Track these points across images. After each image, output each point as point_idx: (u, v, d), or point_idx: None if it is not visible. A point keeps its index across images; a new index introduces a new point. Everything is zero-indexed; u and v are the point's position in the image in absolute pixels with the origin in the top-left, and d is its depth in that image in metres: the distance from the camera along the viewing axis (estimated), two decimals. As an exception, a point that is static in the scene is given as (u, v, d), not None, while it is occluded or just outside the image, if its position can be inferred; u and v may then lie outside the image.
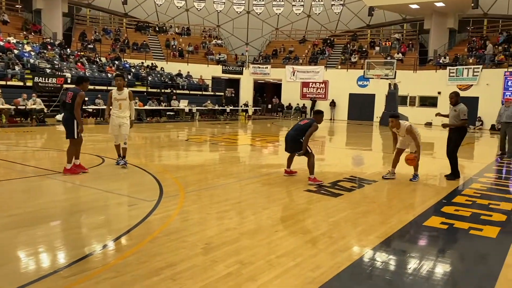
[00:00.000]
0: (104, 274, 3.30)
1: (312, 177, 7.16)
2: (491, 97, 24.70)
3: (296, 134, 7.35)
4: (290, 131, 7.54)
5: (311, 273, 3.48)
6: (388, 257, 4.03)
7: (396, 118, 7.89)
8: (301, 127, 7.38)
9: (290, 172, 7.89)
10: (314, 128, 7.26)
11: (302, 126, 7.38)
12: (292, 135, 7.41)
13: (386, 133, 20.43)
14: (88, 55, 26.38)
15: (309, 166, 7.23)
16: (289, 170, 7.89)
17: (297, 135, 7.31)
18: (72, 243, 4.10)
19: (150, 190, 6.20)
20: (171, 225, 4.64)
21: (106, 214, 5.09)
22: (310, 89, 31.53)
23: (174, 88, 26.10)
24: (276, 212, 5.42)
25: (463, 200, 6.40)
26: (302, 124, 7.44)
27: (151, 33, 34.17)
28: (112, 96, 8.06)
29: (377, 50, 31.94)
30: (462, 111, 7.91)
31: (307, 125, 7.33)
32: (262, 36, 36.98)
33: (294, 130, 7.44)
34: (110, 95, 8.16)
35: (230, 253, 3.85)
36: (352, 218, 5.22)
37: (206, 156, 11.02)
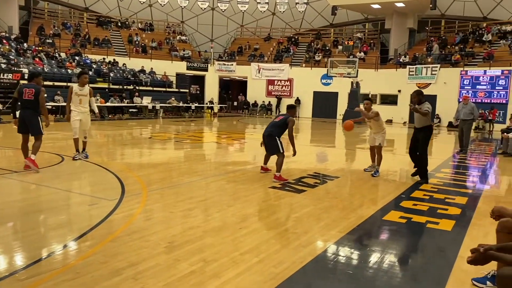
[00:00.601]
0: (63, 276, 3.21)
1: (278, 175, 7.23)
2: (448, 95, 25.69)
3: (271, 131, 7.49)
4: (267, 128, 7.66)
5: (274, 269, 3.52)
6: (349, 251, 4.12)
7: (371, 102, 8.83)
8: (277, 123, 7.56)
9: (266, 169, 7.97)
10: (292, 123, 7.48)
11: (278, 122, 7.57)
12: (269, 131, 7.54)
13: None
14: (46, 50, 25.44)
15: (277, 164, 7.31)
16: (265, 167, 7.99)
17: (273, 132, 7.46)
18: (30, 245, 3.96)
19: (111, 189, 6.07)
20: (133, 224, 4.57)
21: (66, 214, 4.95)
22: (276, 87, 31.72)
23: (137, 85, 25.60)
24: (241, 209, 5.43)
25: (421, 195, 6.63)
26: (278, 121, 7.61)
27: (113, 29, 33.32)
28: (73, 91, 8.24)
29: (340, 49, 32.50)
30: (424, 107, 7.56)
31: (282, 121, 7.53)
32: (227, 33, 36.83)
33: (271, 127, 7.58)
34: (71, 90, 8.31)
35: (194, 251, 3.83)
36: (315, 213, 5.31)
37: (170, 154, 10.89)
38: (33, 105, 7.19)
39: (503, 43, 26.94)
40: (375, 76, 28.62)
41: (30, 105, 7.20)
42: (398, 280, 3.56)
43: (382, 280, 3.48)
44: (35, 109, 7.24)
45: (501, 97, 24.48)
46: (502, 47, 26.76)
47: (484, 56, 26.02)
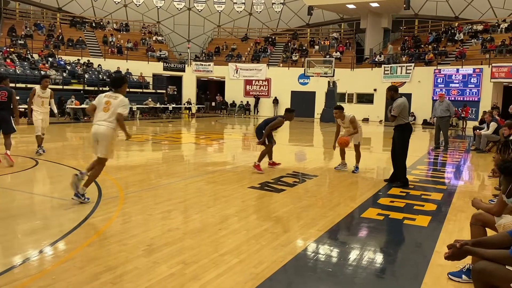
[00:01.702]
0: (38, 282, 3.13)
1: (257, 163, 7.88)
2: (423, 93, 26.23)
3: (261, 126, 8.18)
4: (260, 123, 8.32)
5: (254, 269, 3.52)
6: (328, 249, 4.16)
7: (340, 109, 8.38)
8: (269, 121, 8.20)
9: (273, 164, 8.53)
10: (277, 121, 8.06)
11: (269, 120, 8.24)
12: (259, 126, 8.25)
13: (326, 129, 21.05)
14: (18, 52, 24.82)
15: (261, 154, 8.02)
16: (272, 162, 8.54)
17: (262, 127, 8.13)
18: (3, 251, 3.85)
19: (88, 193, 5.95)
20: (111, 227, 4.50)
21: (41, 219, 4.83)
22: (254, 87, 31.76)
23: (113, 86, 25.20)
24: (220, 210, 5.41)
25: (397, 191, 6.74)
26: (270, 119, 8.31)
27: (87, 29, 32.74)
28: (36, 93, 9.06)
29: (317, 48, 32.77)
30: (393, 106, 7.00)
31: (272, 119, 8.22)
32: (204, 33, 36.66)
33: (263, 122, 8.26)
34: (34, 92, 9.08)
35: (173, 254, 3.79)
36: (295, 212, 5.33)
37: (148, 155, 10.77)
38: (7, 106, 7.86)
39: (474, 42, 27.66)
40: (351, 75, 28.98)
41: (4, 106, 7.81)
42: (377, 276, 3.61)
43: (361, 277, 3.52)
44: (9, 110, 7.92)
45: (473, 94, 25.11)
46: (473, 45, 27.48)
47: (456, 54, 26.66)
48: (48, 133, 12.76)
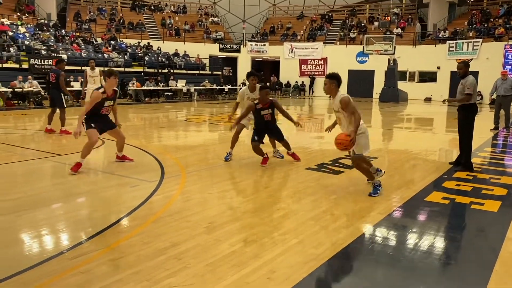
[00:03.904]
0: (108, 255, 3.31)
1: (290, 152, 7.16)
2: (491, 71, 24.49)
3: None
4: None
5: (314, 250, 3.50)
6: (390, 233, 4.05)
7: (333, 80, 5.24)
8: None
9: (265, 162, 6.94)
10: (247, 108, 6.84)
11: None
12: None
13: (385, 110, 20.38)
14: (83, 36, 26.02)
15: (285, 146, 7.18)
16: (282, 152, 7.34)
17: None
18: (75, 225, 4.11)
19: (151, 171, 6.20)
20: (174, 205, 4.65)
21: (108, 196, 5.09)
22: (309, 66, 31.28)
23: (172, 68, 25.85)
24: (277, 190, 5.42)
25: (463, 175, 6.40)
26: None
27: (146, 12, 33.63)
28: (88, 74, 11.26)
29: (376, 25, 31.54)
30: (467, 84, 6.49)
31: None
32: (259, 12, 36.39)
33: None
34: (86, 73, 11.32)
35: (233, 232, 3.86)
36: (354, 195, 5.23)
37: (205, 136, 10.99)
38: (56, 85, 9.47)
39: (552, 14, 25.38)
40: (413, 52, 27.70)
41: (54, 85, 9.56)
42: (443, 262, 3.47)
43: (426, 262, 3.40)
44: (58, 89, 9.49)
45: (549, 71, 23.14)
46: (550, 18, 25.23)
47: (530, 28, 24.63)
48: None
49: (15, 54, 19.57)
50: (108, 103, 6.25)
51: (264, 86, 7.03)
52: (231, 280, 2.96)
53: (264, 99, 6.74)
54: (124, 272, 3.02)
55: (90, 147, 6.05)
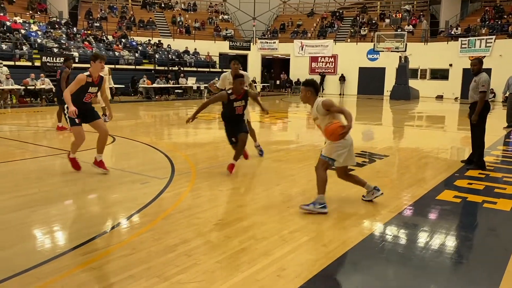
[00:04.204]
0: (119, 251, 3.34)
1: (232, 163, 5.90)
2: (504, 68, 24.17)
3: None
4: None
5: (324, 247, 3.49)
6: (401, 231, 4.02)
7: (309, 87, 4.69)
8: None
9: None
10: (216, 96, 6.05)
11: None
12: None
13: (396, 107, 20.24)
14: (94, 34, 26.22)
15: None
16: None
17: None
18: (87, 222, 4.15)
19: (161, 168, 6.23)
20: (184, 202, 4.67)
21: (119, 192, 5.13)
22: (319, 64, 31.16)
23: (182, 66, 25.94)
24: (287, 188, 5.41)
25: (476, 173, 6.33)
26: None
27: (157, 10, 33.77)
28: None
29: (387, 22, 31.31)
30: (481, 82, 6.38)
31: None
32: (270, 10, 36.31)
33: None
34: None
35: (243, 229, 3.87)
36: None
37: (215, 133, 11.00)
38: (59, 82, 9.52)
39: None
40: (425, 49, 27.46)
41: (58, 82, 9.63)
42: (454, 261, 3.44)
43: (437, 261, 3.37)
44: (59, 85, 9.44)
45: None
46: None
47: (545, 25, 24.24)
48: (121, 111, 13.57)
49: (28, 52, 19.78)
50: (92, 89, 5.72)
51: (238, 75, 6.03)
52: (241, 277, 2.97)
53: (237, 89, 5.92)
54: (135, 268, 3.04)
55: (78, 146, 5.86)
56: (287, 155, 7.57)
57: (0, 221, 3.98)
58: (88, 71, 5.72)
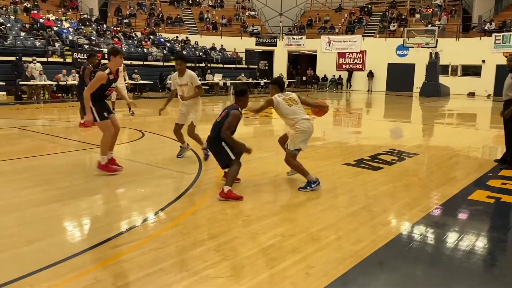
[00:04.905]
0: (149, 245, 3.40)
1: (227, 189, 4.59)
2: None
3: (214, 137, 4.98)
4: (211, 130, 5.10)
5: (352, 246, 3.46)
6: (431, 231, 3.94)
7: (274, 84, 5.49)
8: (219, 124, 4.94)
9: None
10: (233, 118, 4.85)
11: (219, 123, 4.94)
12: (211, 138, 5.05)
13: (426, 105, 19.80)
14: (124, 30, 26.66)
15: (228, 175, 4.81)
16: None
17: (216, 137, 4.94)
18: (117, 215, 4.25)
19: (189, 164, 6.30)
20: (211, 198, 4.71)
21: (149, 187, 5.22)
22: (347, 60, 30.77)
23: (209, 62, 26.09)
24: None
25: (510, 173, 6.13)
26: (219, 121, 4.97)
27: (184, 7, 34.05)
28: None
29: (418, 17, 30.61)
30: None
31: (224, 120, 4.90)
32: (297, 5, 36.04)
33: (212, 131, 5.03)
34: None
35: (271, 226, 3.87)
36: (394, 191, 5.12)
37: (241, 130, 10.91)
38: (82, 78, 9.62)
39: None
40: (456, 45, 26.71)
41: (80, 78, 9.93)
42: (488, 263, 3.35)
43: (470, 262, 3.29)
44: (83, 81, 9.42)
45: None
46: None
47: None
48: (150, 107, 13.79)
49: (60, 48, 20.29)
50: (113, 84, 5.63)
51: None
52: (268, 273, 2.97)
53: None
54: (165, 262, 3.09)
55: (108, 142, 5.57)
56: (313, 152, 7.51)
57: (33, 213, 4.11)
58: (107, 68, 5.48)
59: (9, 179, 5.41)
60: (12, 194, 4.74)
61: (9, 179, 5.43)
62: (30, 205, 4.32)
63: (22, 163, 6.25)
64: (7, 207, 4.27)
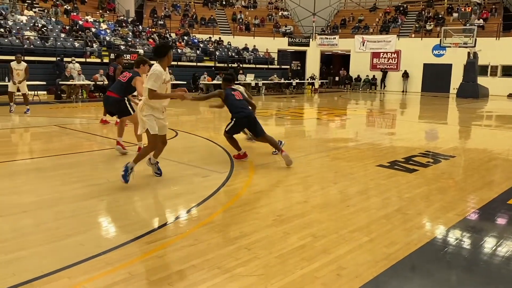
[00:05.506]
0: (182, 242, 3.46)
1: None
2: None
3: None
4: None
5: (385, 249, 3.40)
6: (467, 236, 3.82)
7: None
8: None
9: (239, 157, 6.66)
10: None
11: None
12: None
13: (463, 106, 19.22)
14: (158, 31, 27.18)
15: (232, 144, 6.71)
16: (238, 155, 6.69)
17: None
18: (151, 212, 4.35)
19: (221, 163, 6.36)
20: (243, 196, 4.74)
21: (181, 185, 5.30)
22: (381, 60, 30.26)
23: (241, 62, 26.24)
24: (347, 187, 5.32)
25: (553, 178, 5.87)
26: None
27: (218, 7, 34.39)
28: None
29: (455, 16, 29.65)
30: None
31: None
32: (330, 5, 35.74)
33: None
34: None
35: (302, 226, 3.86)
36: (429, 194, 5.00)
37: (272, 130, 11.02)
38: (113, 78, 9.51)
39: None
40: (496, 45, 25.80)
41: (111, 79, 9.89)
42: (528, 271, 3.22)
43: (507, 269, 3.18)
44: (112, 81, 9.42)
45: None
46: None
47: None
48: (183, 107, 14.00)
49: (97, 49, 20.91)
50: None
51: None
52: (300, 273, 2.97)
53: None
54: (197, 259, 3.14)
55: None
56: (346, 153, 7.43)
57: (71, 209, 4.25)
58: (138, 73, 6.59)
59: (49, 175, 5.62)
60: (51, 189, 4.92)
61: (49, 175, 5.64)
62: (69, 201, 4.48)
63: (61, 160, 6.49)
64: (47, 202, 4.44)
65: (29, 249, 3.28)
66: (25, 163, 6.45)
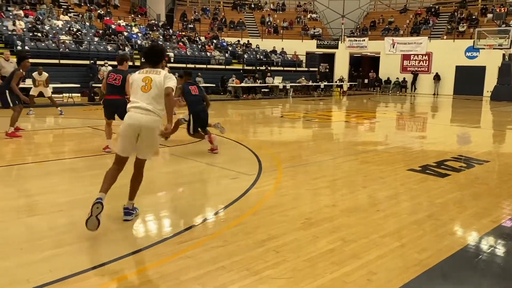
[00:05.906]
0: (212, 243, 3.50)
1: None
2: None
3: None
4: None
5: (417, 255, 3.34)
6: (502, 243, 3.71)
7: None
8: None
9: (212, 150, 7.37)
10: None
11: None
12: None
13: (497, 109, 18.64)
14: (188, 35, 27.55)
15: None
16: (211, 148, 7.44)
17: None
18: (181, 213, 4.41)
19: (249, 165, 6.39)
20: (271, 199, 4.75)
21: (211, 186, 5.37)
22: (412, 62, 29.68)
23: (269, 65, 26.28)
24: (376, 191, 5.26)
25: None
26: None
27: (247, 11, 34.59)
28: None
29: (490, 17, 28.84)
30: None
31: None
32: (359, 7, 35.34)
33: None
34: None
35: (331, 230, 3.84)
36: (462, 200, 4.88)
37: (300, 132, 11.01)
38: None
39: None
40: (534, 46, 24.83)
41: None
42: None
43: (547, 280, 3.06)
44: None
45: None
46: None
47: None
48: (211, 109, 14.09)
49: (129, 52, 21.37)
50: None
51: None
52: (329, 277, 2.95)
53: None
54: (226, 260, 3.17)
55: None
56: (376, 157, 7.34)
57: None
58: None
59: (81, 175, 5.78)
60: (83, 189, 5.06)
61: (81, 175, 5.81)
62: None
63: (93, 160, 6.67)
64: (78, 202, 4.56)
65: (65, 247, 3.39)
66: (60, 163, 6.66)
